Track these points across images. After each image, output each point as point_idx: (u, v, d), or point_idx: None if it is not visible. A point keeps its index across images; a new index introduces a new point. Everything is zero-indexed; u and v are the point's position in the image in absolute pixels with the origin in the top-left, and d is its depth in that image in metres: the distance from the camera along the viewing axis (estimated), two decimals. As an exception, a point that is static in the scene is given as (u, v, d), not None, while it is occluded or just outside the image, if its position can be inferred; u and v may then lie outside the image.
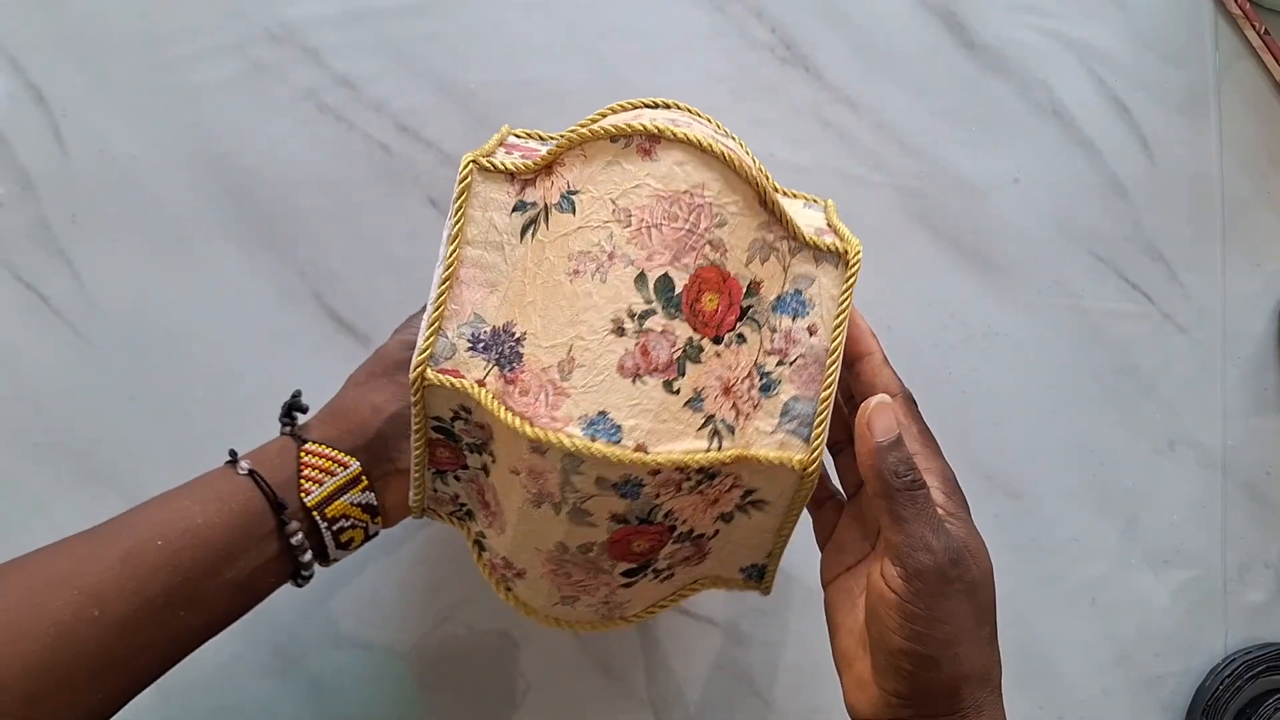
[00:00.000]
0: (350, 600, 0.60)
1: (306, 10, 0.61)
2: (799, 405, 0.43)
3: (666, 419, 0.40)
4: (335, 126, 0.61)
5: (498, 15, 0.63)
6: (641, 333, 0.40)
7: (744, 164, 0.42)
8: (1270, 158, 0.67)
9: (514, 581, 0.48)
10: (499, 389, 0.41)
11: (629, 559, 0.45)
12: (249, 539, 0.45)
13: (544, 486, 0.42)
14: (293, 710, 0.60)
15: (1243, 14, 0.67)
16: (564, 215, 0.42)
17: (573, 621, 0.49)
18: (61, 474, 0.59)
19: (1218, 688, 0.63)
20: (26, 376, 0.60)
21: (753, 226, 0.43)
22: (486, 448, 0.45)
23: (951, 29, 0.65)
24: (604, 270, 0.41)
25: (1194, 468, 0.66)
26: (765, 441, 0.43)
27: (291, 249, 0.61)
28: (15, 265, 0.60)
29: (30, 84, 0.60)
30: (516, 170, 0.44)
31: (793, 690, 0.63)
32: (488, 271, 0.43)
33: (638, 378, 0.40)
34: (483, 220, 0.44)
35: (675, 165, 0.42)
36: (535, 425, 0.40)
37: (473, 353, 0.42)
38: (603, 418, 0.40)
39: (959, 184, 0.65)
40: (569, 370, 0.40)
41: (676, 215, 0.41)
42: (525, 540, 0.45)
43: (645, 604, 0.49)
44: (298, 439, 0.48)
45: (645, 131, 0.42)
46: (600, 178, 0.42)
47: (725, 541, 0.48)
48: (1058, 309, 0.65)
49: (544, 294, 0.42)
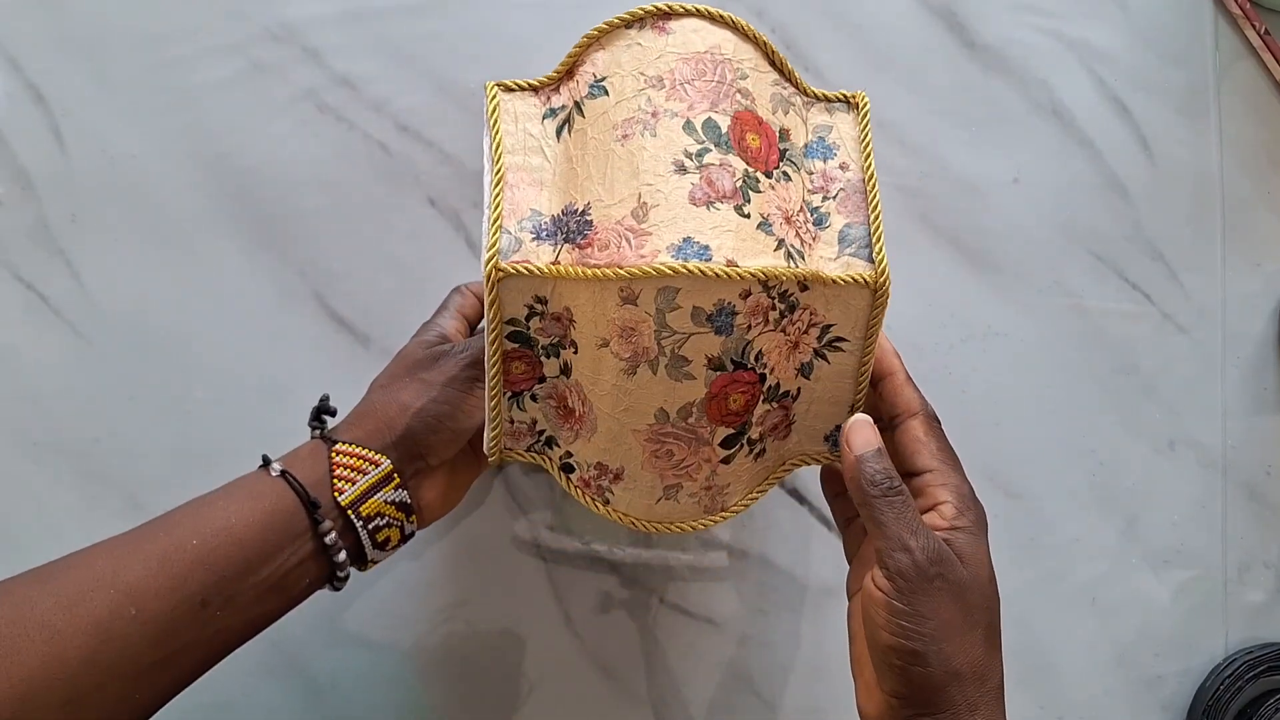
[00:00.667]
0: (350, 599, 0.60)
1: (306, 10, 0.61)
2: (853, 230, 0.46)
3: (745, 238, 0.42)
4: (335, 126, 0.61)
5: (498, 15, 0.63)
6: (702, 167, 0.43)
7: (748, 26, 0.47)
8: (1270, 158, 0.67)
9: (611, 489, 0.48)
10: (575, 258, 0.43)
11: (727, 421, 0.46)
12: (283, 538, 0.45)
13: (639, 344, 0.43)
14: (292, 709, 0.60)
15: (1243, 14, 0.67)
16: (597, 100, 0.45)
17: (676, 520, 0.49)
18: (61, 474, 0.59)
19: (1218, 688, 0.63)
20: (26, 376, 0.60)
21: (768, 82, 0.47)
22: (565, 340, 0.46)
23: (952, 29, 0.65)
24: (651, 126, 0.44)
25: (1194, 468, 0.66)
26: (831, 266, 0.45)
27: (291, 249, 0.61)
28: (15, 265, 0.60)
29: (30, 84, 0.60)
30: (539, 84, 0.47)
31: (793, 690, 0.63)
32: (533, 173, 0.46)
33: (710, 204, 0.42)
34: (517, 131, 0.46)
35: (691, 32, 0.46)
36: (624, 266, 0.41)
37: (538, 241, 0.44)
38: (689, 242, 0.41)
39: (959, 184, 0.65)
40: (644, 214, 0.42)
41: (704, 71, 0.45)
42: (622, 425, 0.45)
43: (744, 489, 0.49)
44: (328, 441, 0.48)
45: (656, 11, 0.46)
46: (624, 58, 0.46)
47: (808, 403, 0.49)
48: (1058, 309, 0.65)
49: (598, 164, 0.44)
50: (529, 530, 0.62)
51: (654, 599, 0.62)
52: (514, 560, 0.61)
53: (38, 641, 0.39)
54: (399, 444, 0.48)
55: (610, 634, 0.62)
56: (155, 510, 0.59)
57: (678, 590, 0.62)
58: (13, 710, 0.37)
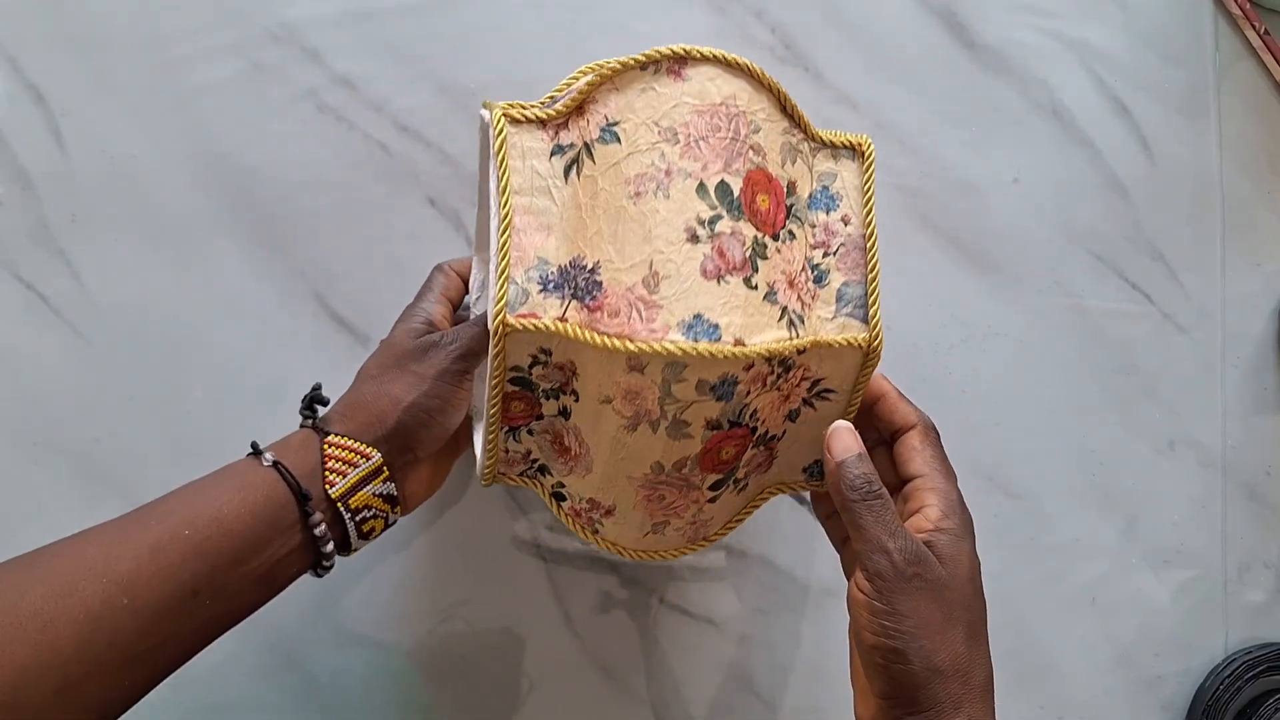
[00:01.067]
0: (351, 599, 0.60)
1: (306, 10, 0.61)
2: (850, 289, 0.47)
3: (753, 313, 0.43)
4: (335, 126, 0.61)
5: (498, 15, 0.63)
6: (714, 237, 0.43)
7: (763, 73, 0.45)
8: (1270, 158, 0.67)
9: (601, 522, 0.49)
10: (583, 319, 0.43)
11: (717, 468, 0.47)
12: (274, 529, 0.45)
13: (641, 406, 0.43)
14: (293, 709, 0.60)
15: (1243, 14, 0.67)
16: (609, 146, 0.44)
17: (662, 549, 0.51)
18: (61, 474, 0.59)
19: (1218, 688, 0.63)
20: (26, 376, 0.60)
21: (779, 131, 0.46)
22: (566, 389, 0.46)
23: (951, 29, 0.65)
24: (664, 187, 0.43)
25: (1194, 468, 0.66)
26: (828, 327, 0.46)
27: (291, 249, 0.61)
28: (15, 265, 0.60)
29: (30, 84, 0.60)
30: (547, 118, 0.45)
31: (793, 690, 0.63)
32: (540, 216, 0.45)
33: (721, 278, 0.42)
34: (524, 169, 0.45)
35: (707, 81, 0.44)
36: (635, 340, 0.41)
37: (545, 293, 0.44)
38: (699, 320, 0.42)
39: (959, 184, 0.65)
40: (655, 284, 0.42)
41: (719, 126, 0.44)
42: (618, 471, 0.46)
43: (725, 519, 0.51)
44: (320, 431, 0.48)
45: (673, 55, 0.44)
46: (638, 104, 0.44)
47: (791, 442, 0.50)
48: (1058, 309, 0.65)
49: (609, 221, 0.43)
50: (529, 530, 0.62)
51: (654, 599, 0.62)
52: (514, 560, 0.61)
53: (30, 630, 0.39)
54: (390, 437, 0.49)
55: (610, 634, 0.62)
56: (155, 510, 0.59)
57: (678, 590, 0.62)
58: (5, 698, 0.37)
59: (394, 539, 0.60)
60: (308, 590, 0.59)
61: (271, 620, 0.59)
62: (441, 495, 0.60)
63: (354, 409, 0.49)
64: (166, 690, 0.46)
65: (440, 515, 0.61)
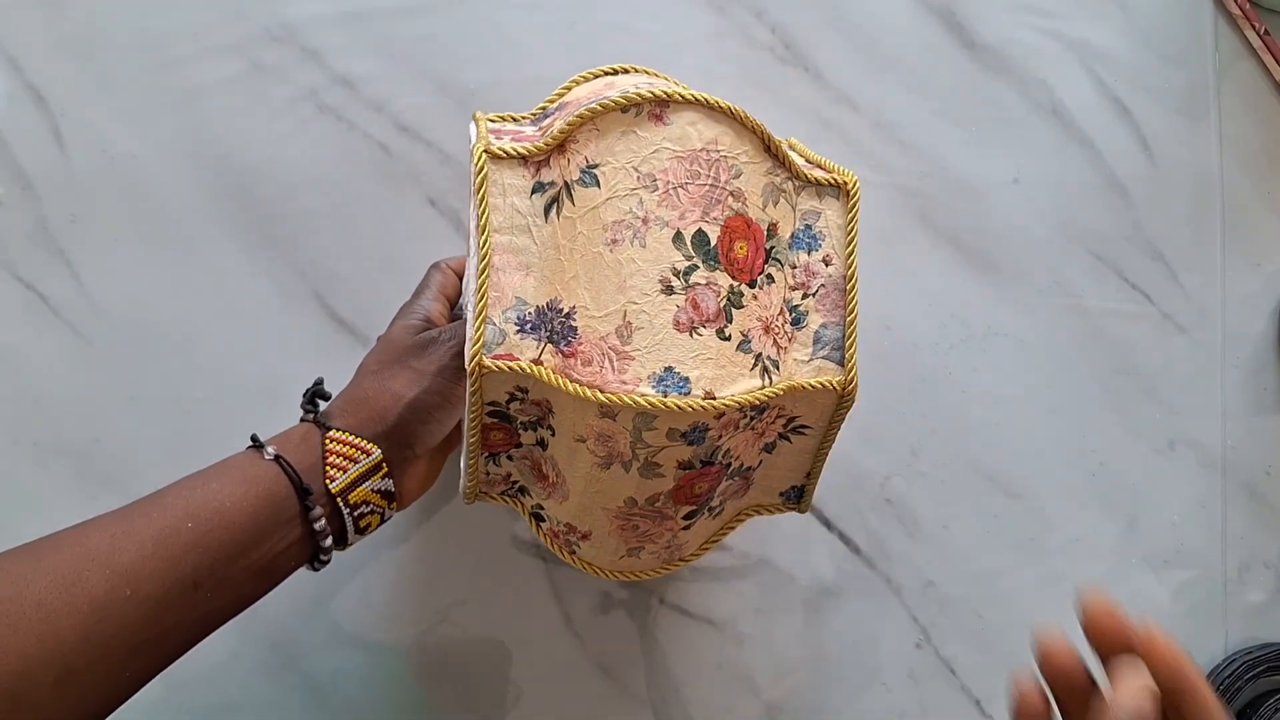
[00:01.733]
0: (351, 598, 0.60)
1: (306, 10, 0.61)
2: (827, 332, 0.47)
3: (725, 364, 0.43)
4: (335, 126, 0.61)
5: (498, 15, 0.63)
6: (689, 288, 0.43)
7: (747, 115, 0.45)
8: (1270, 158, 0.67)
9: (578, 544, 0.50)
10: (558, 364, 0.43)
11: (690, 501, 0.48)
12: (274, 523, 0.45)
13: (613, 448, 0.44)
14: (293, 709, 0.60)
15: (1243, 14, 0.67)
16: (588, 189, 0.44)
17: (637, 571, 0.51)
18: (61, 474, 0.59)
19: (1218, 688, 0.63)
20: (26, 376, 0.60)
21: (761, 172, 0.46)
22: (543, 423, 0.46)
23: (951, 29, 0.65)
24: (641, 235, 0.43)
25: (1194, 468, 0.66)
26: (804, 370, 0.46)
27: (291, 249, 0.61)
28: (15, 265, 0.60)
29: (30, 84, 0.60)
30: (528, 154, 0.45)
31: (792, 690, 0.63)
32: (519, 255, 0.45)
33: (693, 330, 0.43)
34: (505, 206, 0.45)
35: (688, 125, 0.44)
36: (606, 391, 0.42)
37: (522, 334, 0.44)
38: (670, 373, 0.42)
39: (959, 184, 0.65)
40: (628, 334, 0.42)
41: (698, 173, 0.44)
42: (592, 502, 0.47)
43: (700, 542, 0.52)
44: (321, 426, 0.49)
45: (654, 98, 0.44)
46: (618, 148, 0.44)
47: (768, 470, 0.51)
48: (1058, 309, 0.65)
49: (585, 267, 0.43)
50: (529, 530, 0.61)
51: (654, 599, 0.62)
52: (514, 560, 0.61)
53: (34, 620, 0.39)
54: (390, 433, 0.49)
55: (610, 634, 0.62)
56: (155, 510, 0.59)
57: (678, 590, 0.62)
58: (8, 686, 0.37)
59: (394, 539, 0.60)
60: (308, 589, 0.59)
61: (272, 619, 0.59)
62: (441, 495, 0.60)
63: (355, 404, 0.50)
64: (167, 690, 0.46)
65: (440, 515, 0.61)
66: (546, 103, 0.51)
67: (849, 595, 0.63)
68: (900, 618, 0.64)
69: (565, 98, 0.50)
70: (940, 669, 0.63)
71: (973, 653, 0.64)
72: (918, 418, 0.64)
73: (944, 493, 0.64)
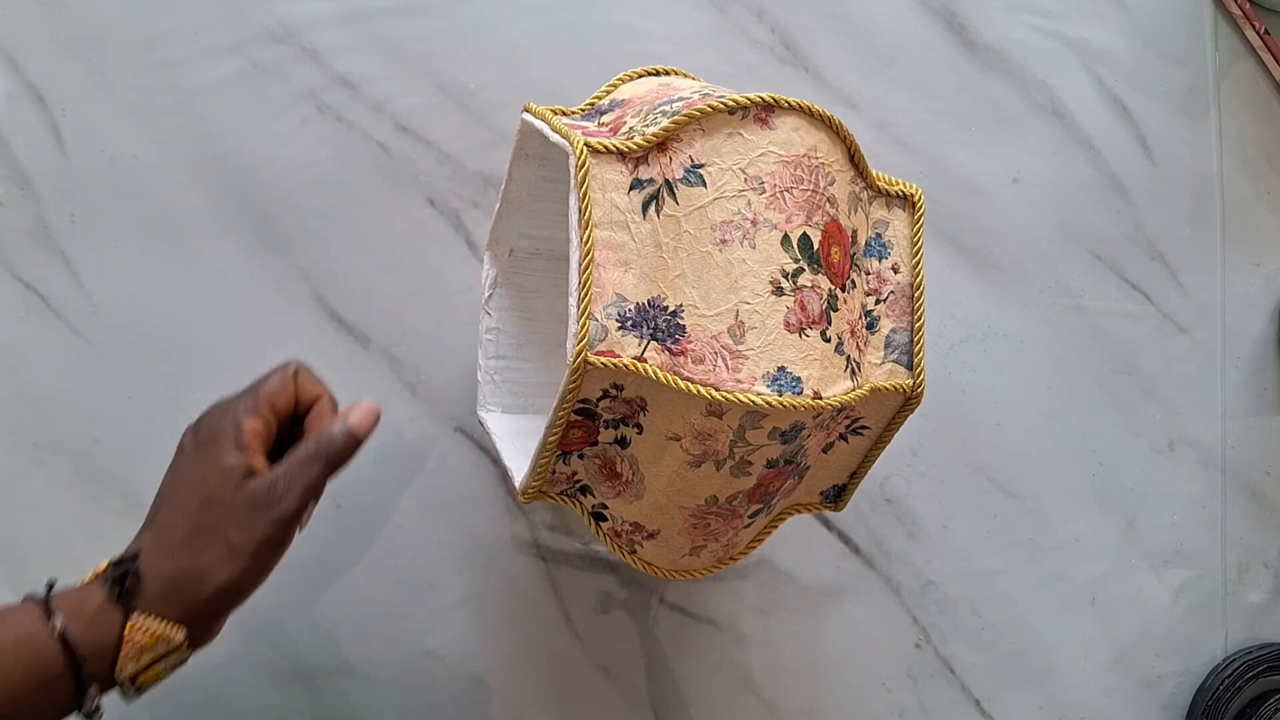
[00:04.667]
0: (350, 599, 0.60)
1: (306, 10, 0.61)
2: (897, 336, 0.49)
3: (828, 365, 0.44)
4: (335, 126, 0.61)
5: (498, 15, 0.63)
6: (797, 290, 0.44)
7: (841, 124, 0.46)
8: (1270, 158, 0.67)
9: (641, 544, 0.51)
10: (664, 362, 0.43)
11: (761, 500, 0.49)
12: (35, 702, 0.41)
13: (710, 447, 0.45)
14: (293, 710, 0.60)
15: (1243, 14, 0.67)
16: (693, 188, 0.44)
17: (693, 570, 0.52)
18: (61, 474, 0.59)
19: (1218, 688, 0.63)
20: (26, 376, 0.60)
21: (847, 180, 0.47)
22: (629, 420, 0.47)
23: (951, 29, 0.65)
24: (750, 237, 0.44)
25: (1194, 468, 0.66)
26: (878, 372, 0.48)
27: (291, 249, 0.61)
28: (15, 265, 0.60)
29: (30, 84, 0.60)
30: (627, 150, 0.45)
31: (793, 690, 0.63)
32: (619, 251, 0.45)
33: (802, 331, 0.44)
34: (604, 201, 0.45)
35: (792, 131, 0.45)
36: (721, 389, 0.42)
37: (623, 331, 0.44)
38: (783, 373, 0.43)
39: (959, 184, 0.65)
40: (741, 334, 0.43)
41: (802, 178, 0.45)
42: (671, 501, 0.47)
43: (749, 540, 0.53)
44: (124, 605, 0.43)
45: (761, 102, 0.45)
46: (724, 149, 0.45)
47: (818, 469, 0.52)
48: (1058, 309, 0.65)
49: (693, 266, 0.44)
50: (529, 530, 0.62)
51: (654, 599, 0.62)
52: (514, 560, 0.61)
53: None
54: (200, 613, 0.43)
55: (610, 634, 0.62)
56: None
57: (678, 590, 0.62)
58: None
59: (394, 539, 0.60)
60: (307, 589, 0.59)
61: (271, 619, 0.59)
62: (441, 496, 0.61)
63: (161, 580, 0.43)
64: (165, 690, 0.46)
65: (440, 516, 0.61)
66: (595, 98, 0.51)
67: (849, 595, 0.63)
68: (900, 618, 0.64)
69: (616, 94, 0.51)
70: (940, 669, 0.63)
71: (973, 653, 0.64)
72: (918, 418, 0.64)
73: (944, 493, 0.64)
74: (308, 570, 0.59)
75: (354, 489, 0.60)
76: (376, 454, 0.60)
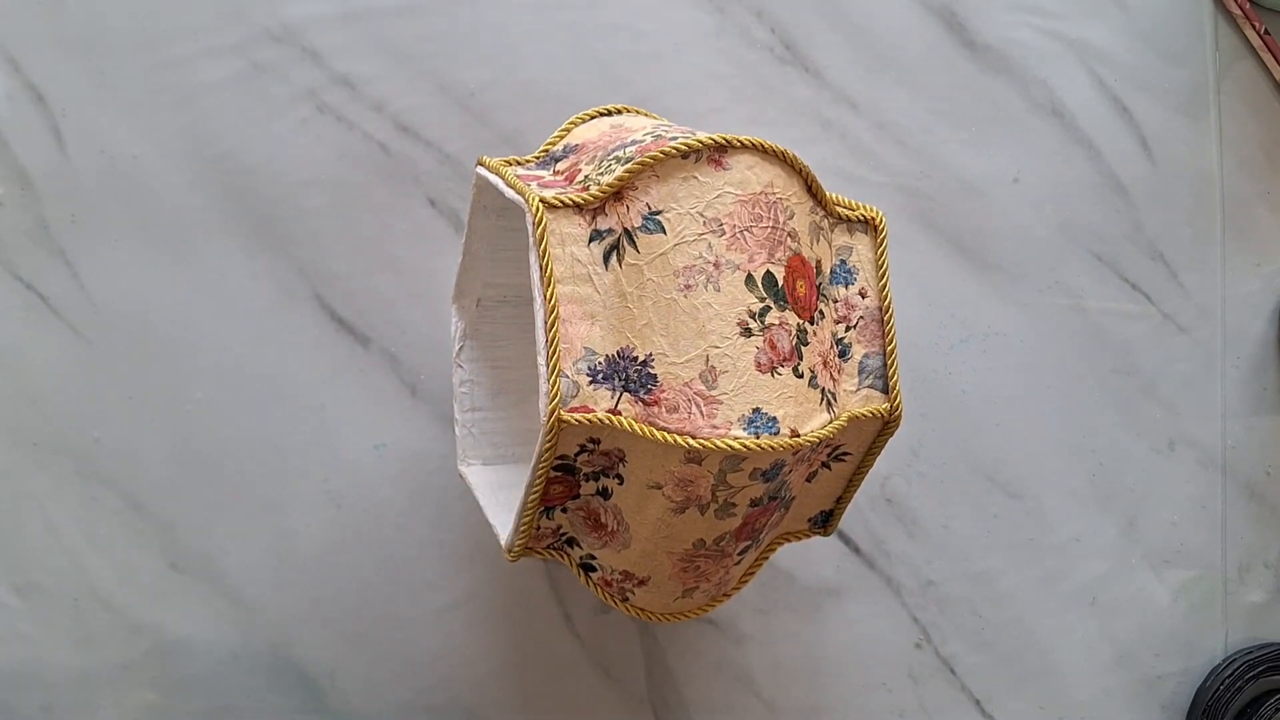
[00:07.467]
0: (350, 599, 0.60)
1: (306, 10, 0.61)
2: (870, 361, 0.49)
3: (802, 401, 0.44)
4: (335, 126, 0.61)
5: (498, 15, 0.63)
6: (765, 329, 0.44)
7: (796, 157, 0.46)
8: (1270, 158, 0.67)
9: (633, 592, 0.50)
10: (639, 413, 0.43)
11: (749, 537, 0.48)
12: None
13: (693, 492, 0.44)
14: (293, 710, 0.60)
15: (1243, 14, 0.67)
16: (653, 236, 0.44)
17: (687, 611, 0.52)
18: (61, 474, 0.59)
19: (1218, 688, 0.63)
20: (26, 376, 0.60)
21: (807, 211, 0.47)
22: (609, 472, 0.46)
23: (951, 29, 0.65)
24: (714, 280, 0.44)
25: (1194, 468, 0.66)
26: (854, 400, 0.48)
27: (291, 249, 0.61)
28: (15, 265, 0.60)
29: (30, 84, 0.60)
30: (583, 202, 0.45)
31: (793, 690, 0.63)
32: (584, 304, 0.45)
33: (774, 370, 0.44)
34: (565, 256, 0.45)
35: (747, 170, 0.45)
36: (698, 437, 0.42)
37: (595, 385, 0.44)
38: (758, 414, 0.43)
39: (959, 184, 0.65)
40: (713, 379, 0.43)
41: (760, 216, 0.45)
42: (658, 548, 0.47)
43: (740, 575, 0.53)
44: None
45: (714, 144, 0.45)
46: (681, 193, 0.44)
47: (804, 498, 0.52)
48: (1058, 309, 0.65)
49: (659, 313, 0.44)
50: (529, 530, 0.62)
51: (654, 599, 0.62)
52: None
53: None
54: None
55: (610, 634, 0.62)
56: (155, 510, 0.59)
57: (678, 590, 0.62)
58: None
59: (393, 540, 0.60)
60: (307, 589, 0.59)
61: (271, 620, 0.59)
62: (441, 496, 0.61)
63: None
64: (164, 692, 0.46)
65: (439, 516, 0.61)
66: (549, 144, 0.51)
67: (849, 595, 0.63)
68: (900, 617, 0.64)
69: (569, 139, 0.51)
70: (940, 669, 0.63)
71: (973, 652, 0.64)
72: (918, 418, 0.64)
73: (944, 493, 0.64)
74: (308, 570, 0.59)
75: (354, 489, 0.60)
76: (376, 454, 0.60)
